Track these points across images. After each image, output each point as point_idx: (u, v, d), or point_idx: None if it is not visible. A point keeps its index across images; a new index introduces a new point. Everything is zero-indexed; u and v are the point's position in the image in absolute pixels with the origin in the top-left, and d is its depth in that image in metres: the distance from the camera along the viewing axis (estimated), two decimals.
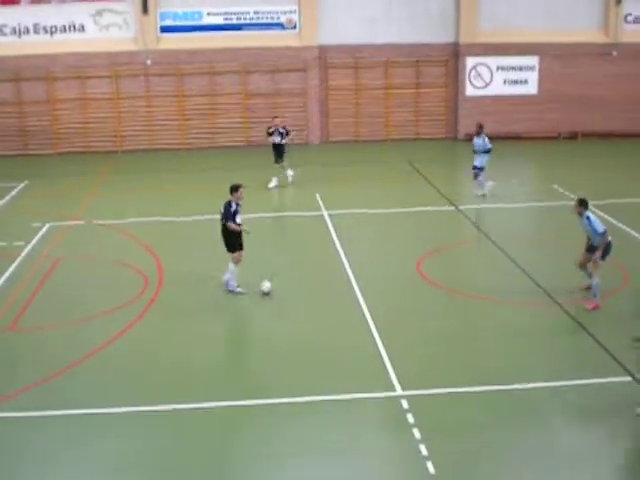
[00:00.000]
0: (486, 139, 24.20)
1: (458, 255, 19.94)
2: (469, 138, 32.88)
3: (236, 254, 16.72)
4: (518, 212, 23.62)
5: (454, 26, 33.39)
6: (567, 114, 33.80)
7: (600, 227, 15.94)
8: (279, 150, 26.35)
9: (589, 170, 28.40)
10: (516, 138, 33.29)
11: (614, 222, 21.54)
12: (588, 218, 15.98)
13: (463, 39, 33.21)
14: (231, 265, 16.81)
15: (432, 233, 21.41)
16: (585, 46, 33.75)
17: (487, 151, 24.12)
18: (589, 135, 33.69)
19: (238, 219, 16.48)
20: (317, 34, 32.92)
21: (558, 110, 33.74)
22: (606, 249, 15.94)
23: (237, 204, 16.50)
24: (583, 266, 16.53)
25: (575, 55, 33.63)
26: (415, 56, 33.36)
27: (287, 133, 26.44)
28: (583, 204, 16.09)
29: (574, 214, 16.28)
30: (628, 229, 21.15)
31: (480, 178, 24.34)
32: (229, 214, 16.37)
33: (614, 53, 33.90)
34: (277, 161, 26.43)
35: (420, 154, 31.26)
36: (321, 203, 23.82)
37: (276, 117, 27.32)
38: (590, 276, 16.25)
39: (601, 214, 21.74)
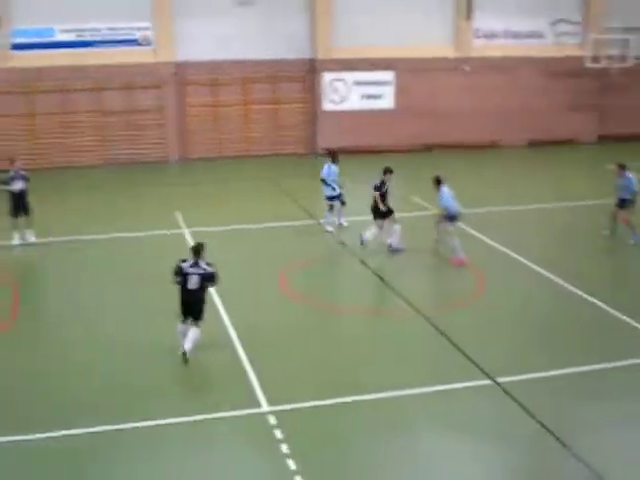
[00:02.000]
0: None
1: (321, 269, 19.99)
2: (327, 153, 33.23)
3: None
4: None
5: (310, 42, 33.66)
6: (423, 127, 34.56)
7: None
8: (23, 200, 21.25)
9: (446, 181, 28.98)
10: (374, 152, 33.73)
11: (473, 232, 22.09)
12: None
13: (319, 55, 33.52)
14: None
15: (294, 248, 21.40)
16: (438, 61, 34.64)
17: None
18: (444, 147, 34.52)
19: None
20: (173, 51, 32.56)
21: (414, 123, 34.46)
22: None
23: None
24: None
25: (429, 70, 34.47)
26: (272, 72, 33.44)
27: (28, 179, 21.54)
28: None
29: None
30: (485, 238, 21.69)
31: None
32: None
33: (465, 67, 34.90)
34: (18, 214, 21.36)
35: (280, 169, 31.36)
36: (182, 221, 23.48)
37: (14, 160, 21.80)
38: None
39: (462, 226, 22.26)
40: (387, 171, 20.66)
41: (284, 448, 11.39)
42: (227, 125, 33.72)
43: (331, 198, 22.76)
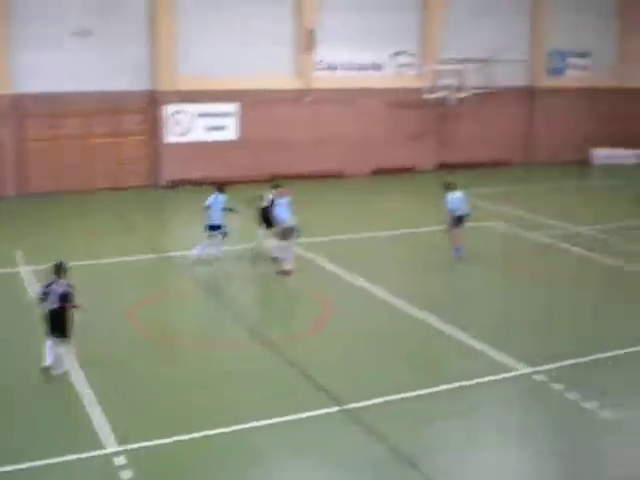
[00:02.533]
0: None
1: (170, 303, 19.57)
2: (172, 185, 32.88)
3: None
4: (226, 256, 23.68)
5: (152, 74, 33.21)
6: (268, 158, 34.63)
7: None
8: None
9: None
10: (222, 183, 33.36)
11: (318, 261, 22.20)
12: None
13: (161, 87, 33.11)
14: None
15: (142, 283, 20.91)
16: (281, 92, 34.85)
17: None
18: (289, 177, 34.48)
19: None
20: (9, 82, 31.45)
21: (258, 154, 34.49)
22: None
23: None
24: None
25: (272, 101, 34.62)
26: (114, 104, 32.76)
27: None
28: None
29: None
30: (331, 266, 21.80)
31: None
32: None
33: (308, 98, 35.24)
34: None
35: (124, 203, 30.68)
36: (20, 259, 22.52)
37: None
38: None
39: (302, 251, 22.36)
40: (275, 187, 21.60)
41: None
42: (68, 159, 32.75)
43: (212, 228, 22.08)
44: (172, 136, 33.58)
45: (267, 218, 21.90)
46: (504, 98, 39.36)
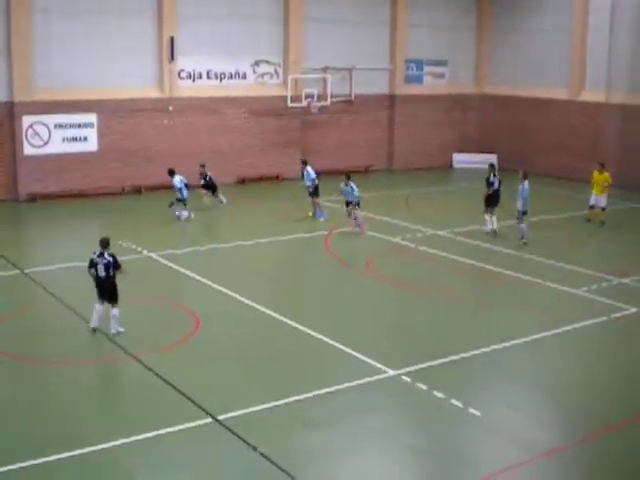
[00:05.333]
0: None
1: (26, 319, 18.87)
2: (32, 199, 31.87)
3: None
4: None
5: (8, 85, 32.09)
6: (130, 169, 34.01)
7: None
8: None
9: (149, 222, 28.65)
10: (80, 196, 32.69)
11: (177, 269, 21.97)
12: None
13: (17, 97, 32.04)
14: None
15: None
16: (142, 102, 34.29)
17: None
18: (153, 188, 34.06)
19: None
20: None
21: (121, 165, 33.85)
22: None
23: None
24: None
25: (133, 111, 34.01)
26: None
27: None
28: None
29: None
30: (192, 274, 21.60)
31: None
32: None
33: (170, 108, 34.83)
34: None
35: None
36: None
37: None
38: None
39: (166, 262, 22.10)
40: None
41: None
42: None
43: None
44: (30, 148, 32.51)
45: None
46: (365, 106, 39.96)
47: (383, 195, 34.71)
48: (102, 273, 16.90)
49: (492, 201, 26.94)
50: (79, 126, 33.24)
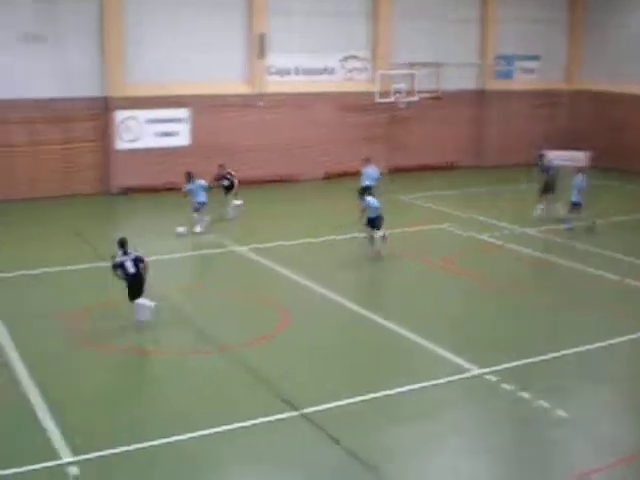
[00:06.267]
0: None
1: (119, 311, 19.34)
2: (123, 192, 32.62)
3: None
4: (181, 262, 23.54)
5: (102, 80, 32.90)
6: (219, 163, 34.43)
7: None
8: None
9: (242, 217, 29.02)
10: (171, 189, 33.23)
11: (273, 266, 22.20)
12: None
13: (111, 93, 32.81)
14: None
15: (87, 291, 20.66)
16: (232, 97, 34.73)
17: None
18: (243, 183, 34.36)
19: None
20: None
21: (210, 160, 34.28)
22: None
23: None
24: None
25: (223, 106, 34.47)
26: (63, 111, 32.35)
27: None
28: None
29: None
30: (283, 270, 21.78)
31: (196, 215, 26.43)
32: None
33: (260, 103, 35.19)
34: None
35: (73, 211, 30.25)
36: None
37: None
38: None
39: (258, 258, 22.35)
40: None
41: None
42: (17, 167, 32.28)
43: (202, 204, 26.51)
44: (123, 142, 33.28)
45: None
46: (454, 101, 39.62)
47: (470, 192, 34.42)
48: (132, 270, 17.29)
49: (547, 188, 28.22)
50: (171, 121, 33.87)
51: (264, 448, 12.45)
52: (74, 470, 11.61)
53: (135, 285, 17.39)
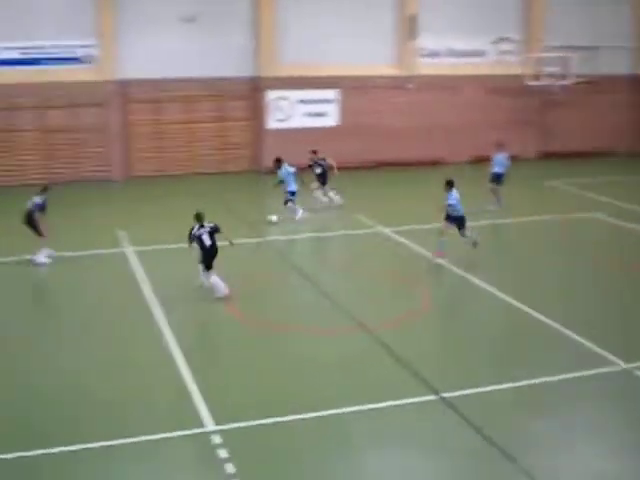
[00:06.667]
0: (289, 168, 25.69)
1: (265, 286, 19.91)
2: (273, 171, 33.28)
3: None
4: (325, 242, 23.95)
5: (254, 60, 33.68)
6: (366, 145, 34.73)
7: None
8: None
9: (391, 198, 29.20)
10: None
11: (416, 247, 22.28)
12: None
13: (264, 73, 33.54)
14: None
15: (240, 266, 21.29)
16: (382, 79, 34.90)
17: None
18: (387, 164, 34.72)
19: None
20: (116, 68, 32.35)
21: (358, 141, 34.61)
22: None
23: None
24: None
25: (373, 88, 34.69)
26: (217, 90, 33.38)
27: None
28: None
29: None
30: (427, 252, 21.84)
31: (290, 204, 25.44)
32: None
33: (410, 85, 35.19)
34: None
35: (226, 188, 31.19)
36: (125, 240, 23.21)
37: None
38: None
39: (402, 240, 22.49)
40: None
41: (229, 468, 11.29)
42: (171, 143, 33.56)
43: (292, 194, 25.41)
44: (274, 122, 34.00)
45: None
46: (609, 86, 38.49)
47: (625, 180, 33.39)
48: (208, 242, 18.06)
49: None
50: (320, 102, 34.33)
51: (402, 430, 12.61)
52: (217, 439, 12.12)
53: (210, 256, 18.16)
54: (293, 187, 25.54)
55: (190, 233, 18.22)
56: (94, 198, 29.45)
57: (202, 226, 18.17)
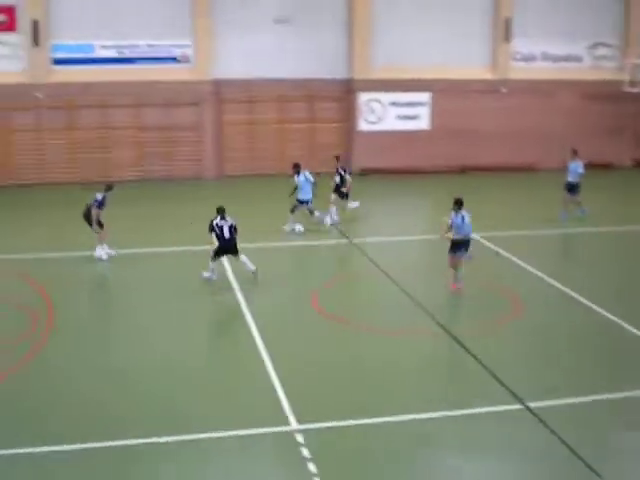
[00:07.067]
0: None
1: (351, 287, 20.01)
2: (363, 173, 33.41)
3: None
4: (412, 245, 23.91)
5: (347, 62, 33.82)
6: (458, 149, 34.51)
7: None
8: None
9: (478, 204, 28.93)
10: (409, 172, 33.74)
11: (507, 254, 22.07)
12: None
13: (357, 75, 33.64)
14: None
15: (326, 267, 21.45)
16: (475, 82, 34.63)
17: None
18: (479, 169, 34.43)
19: None
20: (211, 68, 32.86)
21: (449, 145, 34.42)
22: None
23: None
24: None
25: (465, 91, 34.44)
26: (309, 91, 33.60)
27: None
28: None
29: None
30: (517, 260, 21.61)
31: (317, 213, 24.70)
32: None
33: (503, 89, 34.85)
34: None
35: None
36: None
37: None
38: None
39: (488, 245, 22.32)
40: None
41: (311, 467, 11.42)
42: (263, 143, 33.93)
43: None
44: (365, 124, 34.08)
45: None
46: None
47: None
48: (228, 234, 19.30)
49: None
50: (412, 104, 34.26)
51: (487, 438, 12.54)
52: (300, 438, 12.26)
53: (226, 247, 19.36)
54: (308, 196, 24.33)
55: (211, 224, 19.31)
56: (187, 195, 29.94)
57: (223, 218, 19.38)
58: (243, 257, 19.65)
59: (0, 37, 31.54)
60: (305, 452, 11.81)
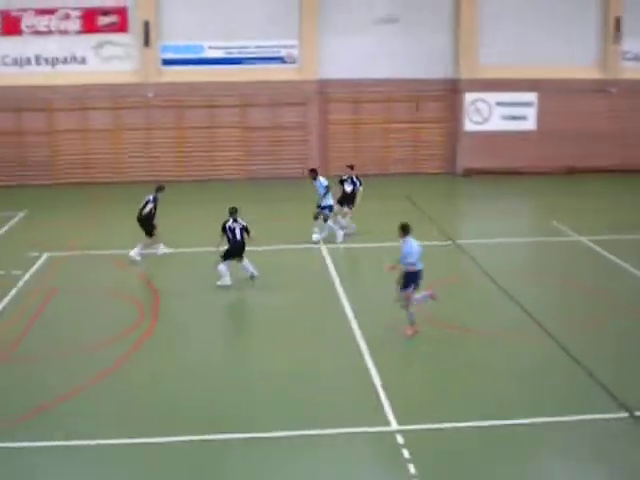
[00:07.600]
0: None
1: (455, 291, 19.84)
2: (467, 173, 33.15)
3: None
4: (518, 248, 23.60)
5: (453, 61, 33.61)
6: (565, 150, 33.89)
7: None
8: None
9: (588, 206, 28.39)
10: (514, 173, 33.33)
11: (613, 259, 21.57)
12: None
13: (463, 75, 33.39)
14: None
15: (429, 269, 21.28)
16: (583, 82, 33.94)
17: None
18: (587, 171, 33.74)
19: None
20: (317, 68, 33.11)
21: (556, 146, 33.83)
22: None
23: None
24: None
25: (573, 91, 33.78)
26: (414, 91, 33.50)
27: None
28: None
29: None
30: (627, 265, 21.10)
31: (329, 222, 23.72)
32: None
33: (612, 90, 34.07)
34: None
35: (419, 189, 31.23)
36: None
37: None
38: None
39: (598, 249, 21.85)
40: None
41: (411, 468, 11.39)
42: (367, 143, 34.00)
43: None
44: (471, 124, 33.79)
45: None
46: None
47: None
48: (239, 237, 19.24)
49: None
50: (519, 105, 33.80)
51: (590, 446, 12.19)
52: (400, 438, 12.23)
53: (236, 249, 19.31)
54: (330, 201, 23.44)
55: (223, 226, 19.28)
56: (291, 195, 30.21)
57: (235, 220, 19.29)
58: (246, 261, 19.53)
59: (112, 38, 32.48)
60: (405, 453, 11.78)
